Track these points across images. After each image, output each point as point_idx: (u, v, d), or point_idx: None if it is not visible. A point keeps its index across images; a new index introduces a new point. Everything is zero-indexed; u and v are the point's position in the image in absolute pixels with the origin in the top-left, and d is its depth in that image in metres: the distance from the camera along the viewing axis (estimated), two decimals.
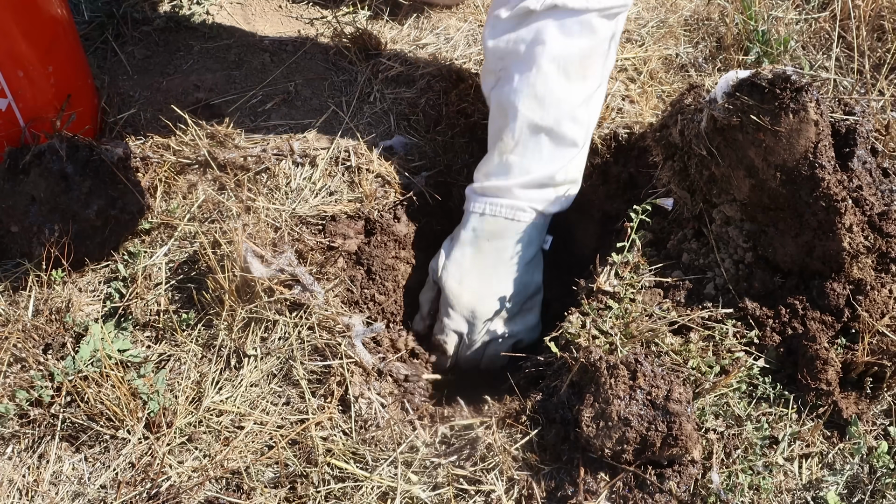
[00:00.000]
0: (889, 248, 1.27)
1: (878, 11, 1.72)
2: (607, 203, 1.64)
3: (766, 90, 1.25)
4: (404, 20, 1.89)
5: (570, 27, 1.37)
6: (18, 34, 1.40)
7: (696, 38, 1.81)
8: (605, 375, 1.14)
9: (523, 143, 1.42)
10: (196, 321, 1.35)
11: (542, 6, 1.36)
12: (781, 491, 1.17)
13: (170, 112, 1.65)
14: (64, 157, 1.40)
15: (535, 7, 1.36)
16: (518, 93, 1.40)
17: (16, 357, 1.29)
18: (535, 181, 1.43)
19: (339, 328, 1.33)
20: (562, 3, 1.35)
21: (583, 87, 1.41)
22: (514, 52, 1.40)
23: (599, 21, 1.37)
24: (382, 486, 1.16)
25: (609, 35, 1.40)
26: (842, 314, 1.27)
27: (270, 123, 1.66)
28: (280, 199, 1.51)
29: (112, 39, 1.82)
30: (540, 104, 1.40)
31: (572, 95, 1.40)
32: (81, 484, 1.20)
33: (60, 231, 1.40)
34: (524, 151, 1.42)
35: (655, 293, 1.35)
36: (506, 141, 1.43)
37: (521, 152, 1.42)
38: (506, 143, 1.43)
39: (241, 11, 1.92)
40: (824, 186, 1.24)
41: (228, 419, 1.25)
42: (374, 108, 1.69)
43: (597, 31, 1.38)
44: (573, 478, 1.14)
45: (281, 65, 1.78)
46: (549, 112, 1.40)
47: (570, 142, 1.43)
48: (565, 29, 1.37)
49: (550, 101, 1.39)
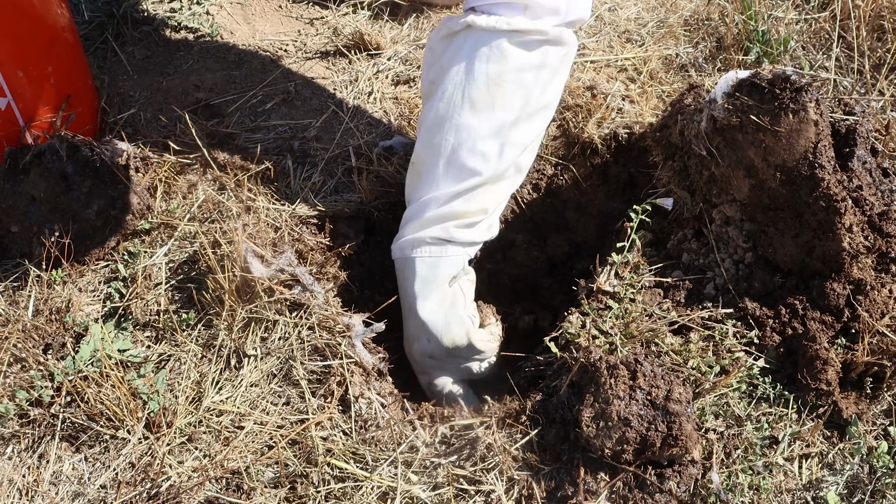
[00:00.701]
0: (889, 248, 1.27)
1: (878, 11, 1.72)
2: (607, 203, 1.64)
3: (766, 90, 1.25)
4: (404, 20, 1.89)
5: (480, 50, 1.31)
6: (18, 34, 1.40)
7: (696, 38, 1.81)
8: (605, 375, 1.14)
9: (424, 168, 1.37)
10: (196, 321, 1.35)
11: (460, 26, 1.32)
12: (781, 491, 1.17)
13: (170, 112, 1.65)
14: (64, 157, 1.40)
15: (455, 28, 1.33)
16: (426, 115, 1.37)
17: (16, 357, 1.29)
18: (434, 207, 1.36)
19: (339, 328, 1.33)
20: (472, 22, 1.30)
21: (490, 117, 1.33)
22: (439, 75, 1.36)
23: (511, 48, 1.30)
24: (382, 486, 1.16)
25: (526, 65, 1.31)
26: (842, 314, 1.27)
27: (270, 123, 1.66)
28: (280, 199, 1.51)
29: (112, 39, 1.82)
30: (440, 127, 1.34)
31: (477, 124, 1.32)
32: (81, 484, 1.20)
33: (60, 231, 1.40)
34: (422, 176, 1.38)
35: (655, 293, 1.35)
36: (413, 162, 1.40)
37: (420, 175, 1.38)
38: (412, 164, 1.40)
39: (241, 11, 1.92)
40: (824, 186, 1.24)
41: (228, 419, 1.25)
42: (374, 108, 1.69)
43: (507, 59, 1.30)
44: (573, 478, 1.14)
45: (281, 65, 1.78)
46: (447, 138, 1.34)
47: (469, 172, 1.34)
48: (476, 52, 1.31)
49: (449, 126, 1.33)
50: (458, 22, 1.33)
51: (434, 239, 1.37)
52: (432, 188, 1.36)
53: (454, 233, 1.36)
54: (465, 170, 1.34)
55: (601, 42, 1.81)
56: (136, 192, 1.45)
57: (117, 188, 1.43)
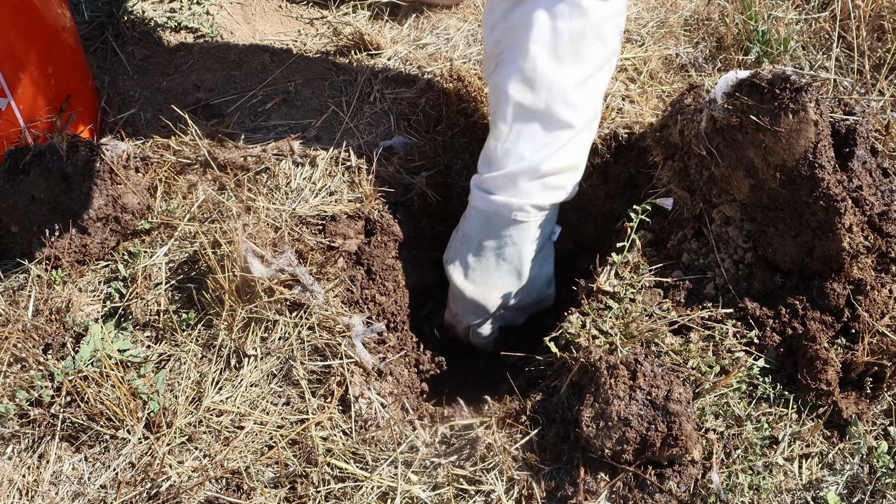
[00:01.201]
0: (889, 248, 1.27)
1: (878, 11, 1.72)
2: (607, 203, 1.64)
3: (766, 90, 1.25)
4: (404, 20, 1.89)
5: (559, 9, 1.34)
6: (19, 34, 1.40)
7: (696, 38, 1.81)
8: (605, 375, 1.14)
9: (517, 130, 1.40)
10: (196, 321, 1.35)
11: None
12: (781, 491, 1.17)
13: (170, 112, 1.65)
14: (64, 157, 1.40)
15: None
16: (509, 77, 1.38)
17: (16, 357, 1.29)
18: (532, 170, 1.40)
19: (339, 328, 1.33)
20: None
21: (576, 70, 1.38)
22: (507, 36, 1.39)
23: (589, 2, 1.34)
24: (382, 486, 1.16)
25: (602, 17, 1.36)
26: (842, 314, 1.27)
27: (270, 123, 1.66)
28: (280, 199, 1.51)
29: (112, 39, 1.82)
30: (530, 88, 1.38)
31: (565, 78, 1.37)
32: (81, 484, 1.20)
33: (60, 231, 1.40)
34: (517, 138, 1.40)
35: (655, 293, 1.35)
36: (500, 128, 1.41)
37: (514, 139, 1.41)
38: (500, 129, 1.42)
39: (241, 11, 1.92)
40: (824, 186, 1.24)
41: (228, 419, 1.25)
42: (374, 108, 1.69)
43: (587, 13, 1.34)
44: (573, 478, 1.14)
45: (281, 65, 1.78)
46: (540, 96, 1.38)
47: (564, 125, 1.39)
48: (554, 11, 1.34)
49: (540, 84, 1.37)
50: None
51: (534, 206, 1.42)
52: (529, 147, 1.40)
53: (551, 195, 1.43)
54: (560, 124, 1.39)
55: None
56: (136, 192, 1.45)
57: (117, 188, 1.43)
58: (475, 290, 1.49)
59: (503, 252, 1.46)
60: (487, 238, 1.46)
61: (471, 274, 1.49)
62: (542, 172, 1.40)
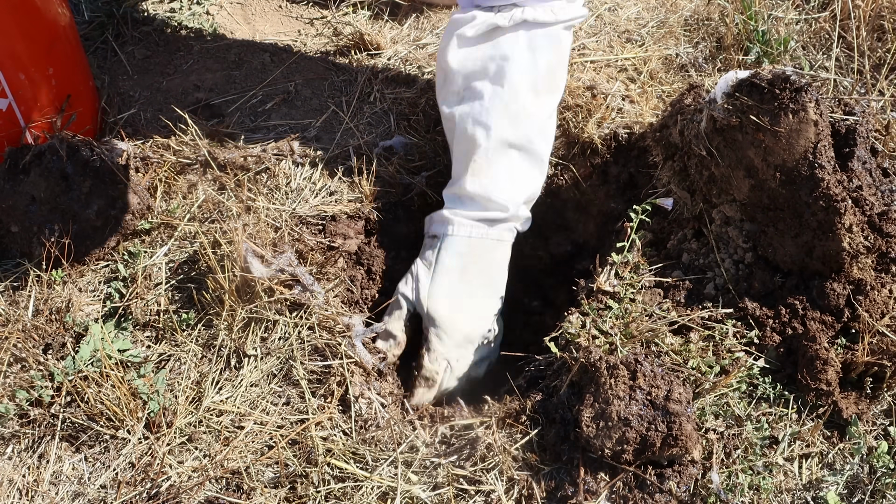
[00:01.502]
0: (889, 248, 1.27)
1: (878, 11, 1.72)
2: (607, 203, 1.64)
3: (766, 90, 1.25)
4: (404, 20, 1.89)
5: (539, 41, 1.35)
6: (19, 35, 1.40)
7: (696, 38, 1.81)
8: (605, 375, 1.14)
9: (498, 163, 1.41)
10: (196, 321, 1.35)
11: (511, 22, 1.34)
12: (781, 491, 1.17)
13: (170, 112, 1.65)
14: (64, 157, 1.40)
15: (504, 24, 1.34)
16: (490, 111, 1.38)
17: (16, 357, 1.29)
18: (516, 203, 1.42)
19: (339, 328, 1.33)
20: (532, 18, 1.34)
21: (550, 101, 1.40)
22: (482, 70, 1.38)
23: (564, 33, 1.37)
24: (382, 486, 1.16)
25: (568, 47, 1.42)
26: (842, 314, 1.27)
27: (270, 123, 1.66)
28: (280, 199, 1.51)
29: (112, 39, 1.82)
30: (512, 122, 1.38)
31: (541, 110, 1.40)
32: (81, 484, 1.20)
33: (60, 231, 1.40)
34: (498, 171, 1.41)
35: (655, 293, 1.35)
36: (479, 162, 1.41)
37: (495, 173, 1.41)
38: (479, 164, 1.41)
39: (241, 11, 1.92)
40: (824, 186, 1.24)
41: (228, 419, 1.25)
42: (374, 108, 1.69)
43: (562, 43, 1.36)
44: (573, 478, 1.14)
45: (281, 65, 1.78)
46: (521, 129, 1.38)
47: (539, 157, 1.43)
48: (534, 43, 1.35)
49: (522, 117, 1.38)
50: (504, 17, 1.36)
51: (520, 226, 1.46)
52: (512, 181, 1.41)
53: (526, 224, 1.47)
54: (537, 155, 1.42)
55: (601, 42, 1.81)
56: (136, 192, 1.45)
57: (117, 188, 1.43)
58: (463, 319, 1.40)
59: (490, 278, 1.43)
60: (473, 264, 1.42)
61: (455, 304, 1.40)
62: (526, 202, 1.45)
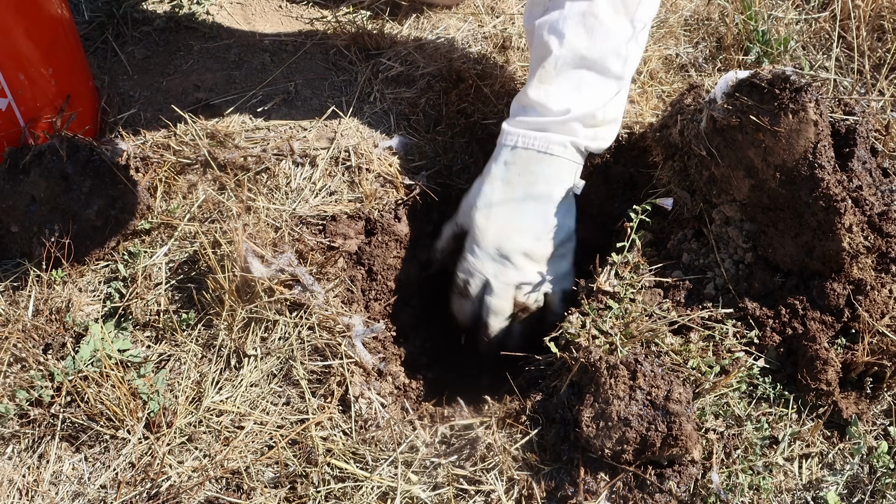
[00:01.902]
0: (889, 248, 1.27)
1: (878, 11, 1.72)
2: (607, 203, 1.64)
3: (766, 90, 1.25)
4: (404, 20, 1.89)
5: None
6: (19, 35, 1.40)
7: (696, 38, 1.81)
8: (605, 375, 1.14)
9: (565, 74, 1.37)
10: (196, 321, 1.35)
11: None
12: (781, 491, 1.17)
13: (170, 112, 1.65)
14: (64, 157, 1.40)
15: None
16: (567, 20, 1.35)
17: (16, 357, 1.29)
18: (574, 115, 1.37)
19: (339, 328, 1.33)
20: None
21: (628, 26, 1.37)
22: None
23: None
24: (382, 486, 1.16)
25: None
26: (842, 314, 1.27)
27: (270, 123, 1.66)
28: (280, 199, 1.51)
29: (112, 39, 1.82)
30: (588, 34, 1.35)
31: (621, 29, 1.36)
32: (81, 484, 1.20)
33: (60, 231, 1.40)
34: (564, 82, 1.37)
35: (655, 293, 1.35)
36: (547, 69, 1.37)
37: (561, 83, 1.37)
38: (547, 71, 1.37)
39: (241, 11, 1.92)
40: (824, 186, 1.24)
41: (228, 419, 1.25)
42: (374, 108, 1.69)
43: None
44: (573, 478, 1.14)
45: (281, 65, 1.78)
46: (597, 44, 1.35)
47: (614, 76, 1.38)
48: None
49: (599, 32, 1.35)
50: None
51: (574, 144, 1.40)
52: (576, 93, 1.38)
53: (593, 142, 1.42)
54: (610, 74, 1.38)
55: None
56: (136, 192, 1.45)
57: (117, 188, 1.43)
58: (497, 230, 1.40)
59: (533, 190, 1.40)
60: (518, 175, 1.40)
61: (494, 214, 1.40)
62: (583, 120, 1.38)
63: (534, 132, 1.40)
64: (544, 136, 1.39)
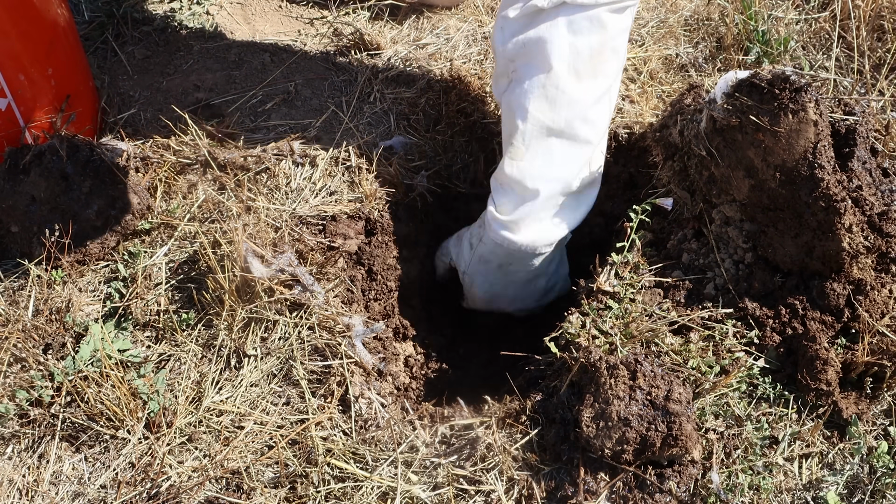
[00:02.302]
0: (889, 248, 1.27)
1: (878, 11, 1.72)
2: (607, 203, 1.64)
3: (766, 90, 1.25)
4: (404, 20, 1.89)
5: (580, 24, 1.33)
6: (19, 35, 1.40)
7: (696, 38, 1.81)
8: (605, 375, 1.14)
9: (534, 148, 1.38)
10: (196, 321, 1.35)
11: (551, 4, 1.32)
12: (781, 491, 1.17)
13: (170, 112, 1.65)
14: (64, 157, 1.40)
15: (544, 5, 1.32)
16: (528, 94, 1.36)
17: (16, 357, 1.29)
18: (549, 193, 1.39)
19: (339, 328, 1.33)
20: (571, 0, 1.31)
21: (594, 86, 1.37)
22: (523, 52, 1.36)
23: (609, 16, 1.33)
24: (382, 486, 1.16)
25: (619, 30, 1.36)
26: (842, 314, 1.27)
27: (270, 123, 1.66)
28: (280, 199, 1.51)
29: (112, 39, 1.82)
30: (551, 106, 1.36)
31: (585, 95, 1.36)
32: (81, 484, 1.20)
33: (60, 231, 1.40)
34: (535, 157, 1.39)
35: (655, 293, 1.35)
36: (516, 146, 1.39)
37: (531, 158, 1.39)
38: (516, 148, 1.39)
39: (241, 11, 1.92)
40: (824, 187, 1.24)
41: (228, 419, 1.25)
42: (374, 108, 1.69)
43: (606, 27, 1.33)
44: (573, 478, 1.14)
45: (281, 65, 1.78)
46: (561, 114, 1.36)
47: (583, 141, 1.39)
48: (574, 26, 1.33)
49: (562, 102, 1.35)
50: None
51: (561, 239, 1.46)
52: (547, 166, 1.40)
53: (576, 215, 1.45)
54: (579, 140, 1.39)
55: None
56: (136, 192, 1.45)
57: (117, 188, 1.43)
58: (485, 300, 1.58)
59: (525, 273, 1.50)
60: (509, 265, 1.49)
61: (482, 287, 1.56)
62: (574, 190, 1.41)
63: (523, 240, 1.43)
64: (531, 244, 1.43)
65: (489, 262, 1.49)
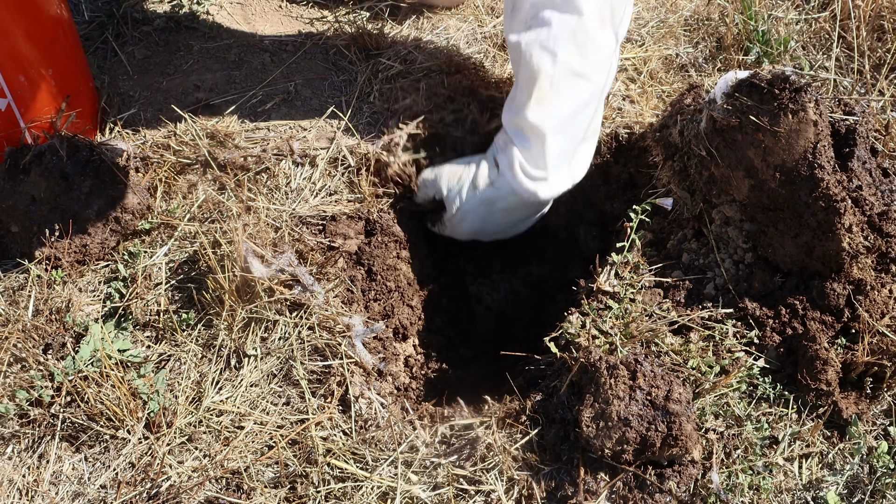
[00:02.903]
0: (889, 248, 1.27)
1: (878, 11, 1.72)
2: (607, 203, 1.64)
3: (765, 91, 1.25)
4: (404, 20, 1.89)
5: None
6: (18, 35, 1.40)
7: (696, 38, 1.81)
8: (605, 375, 1.14)
9: (563, 93, 1.38)
10: (196, 321, 1.35)
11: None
12: (781, 491, 1.17)
13: (170, 112, 1.65)
14: (64, 157, 1.40)
15: None
16: (558, 39, 1.36)
17: (16, 357, 1.29)
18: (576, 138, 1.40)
19: (339, 328, 1.33)
20: None
21: (613, 36, 1.38)
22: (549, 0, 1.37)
23: None
24: (382, 486, 1.16)
25: None
26: (842, 314, 1.27)
27: (270, 123, 1.66)
28: (280, 199, 1.51)
29: (112, 39, 1.82)
30: (581, 52, 1.36)
31: (608, 43, 1.37)
32: (81, 484, 1.20)
33: (60, 231, 1.40)
34: (561, 103, 1.38)
35: (655, 293, 1.35)
36: (543, 90, 1.38)
37: (558, 103, 1.38)
38: (543, 92, 1.38)
39: (241, 11, 1.92)
40: (823, 187, 1.24)
41: (228, 419, 1.25)
42: (373, 107, 1.69)
43: None
44: (573, 478, 1.14)
45: (281, 65, 1.78)
46: (589, 59, 1.37)
47: (600, 88, 1.40)
48: None
49: (591, 48, 1.36)
50: None
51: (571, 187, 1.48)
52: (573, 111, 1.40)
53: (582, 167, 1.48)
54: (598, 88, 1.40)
55: None
56: (136, 192, 1.45)
57: (117, 188, 1.43)
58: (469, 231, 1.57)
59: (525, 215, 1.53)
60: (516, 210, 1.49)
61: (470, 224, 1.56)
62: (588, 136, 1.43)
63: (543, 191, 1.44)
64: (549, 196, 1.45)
65: (494, 204, 1.49)
